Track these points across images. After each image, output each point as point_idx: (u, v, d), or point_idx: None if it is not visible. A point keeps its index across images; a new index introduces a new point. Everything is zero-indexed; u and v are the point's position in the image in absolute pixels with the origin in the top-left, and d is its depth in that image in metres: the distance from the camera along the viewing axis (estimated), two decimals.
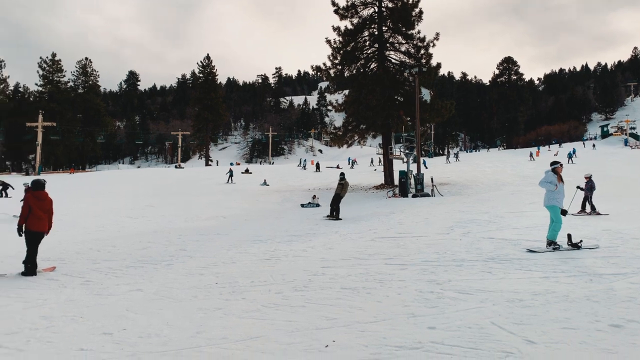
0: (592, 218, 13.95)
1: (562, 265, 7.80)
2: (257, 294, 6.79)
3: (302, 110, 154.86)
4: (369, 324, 5.28)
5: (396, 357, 4.26)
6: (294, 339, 4.84)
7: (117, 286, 7.64)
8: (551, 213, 9.45)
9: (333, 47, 33.01)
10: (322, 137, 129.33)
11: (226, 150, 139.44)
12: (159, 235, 14.21)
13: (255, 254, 10.41)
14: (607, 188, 24.62)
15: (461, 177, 36.69)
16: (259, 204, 24.86)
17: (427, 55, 32.69)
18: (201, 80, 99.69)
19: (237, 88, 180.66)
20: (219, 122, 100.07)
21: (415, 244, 10.72)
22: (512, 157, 59.59)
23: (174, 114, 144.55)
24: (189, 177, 46.31)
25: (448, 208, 18.72)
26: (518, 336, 4.67)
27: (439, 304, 5.97)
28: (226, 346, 4.71)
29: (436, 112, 32.69)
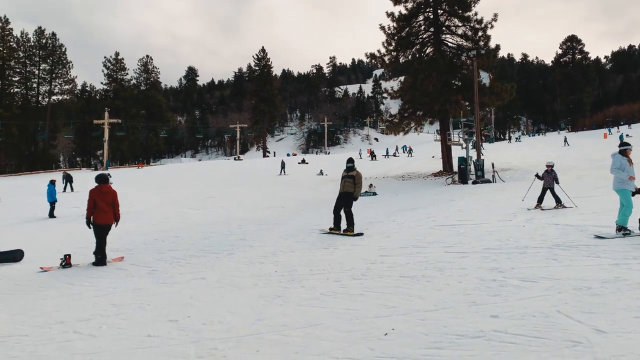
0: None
1: (634, 252, 7.39)
2: (316, 282, 6.85)
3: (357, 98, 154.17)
4: (429, 312, 5.21)
5: (457, 346, 4.19)
6: (353, 327, 4.85)
7: (181, 275, 7.92)
8: (621, 197, 8.98)
9: (387, 34, 32.59)
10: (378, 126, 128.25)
11: (283, 141, 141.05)
12: (220, 225, 14.58)
13: (313, 242, 10.50)
14: None
15: (523, 162, 35.46)
16: (316, 194, 25.02)
17: (485, 37, 31.69)
18: (257, 73, 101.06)
19: (292, 79, 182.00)
20: (275, 113, 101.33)
21: (476, 232, 10.47)
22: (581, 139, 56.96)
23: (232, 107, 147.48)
24: (247, 168, 47.27)
25: (510, 194, 18.17)
26: (587, 325, 4.47)
27: (502, 292, 5.81)
28: (286, 333, 4.79)
29: (496, 95, 31.71)
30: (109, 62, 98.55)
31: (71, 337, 5.02)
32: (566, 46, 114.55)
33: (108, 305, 6.24)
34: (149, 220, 17.08)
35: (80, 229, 13.92)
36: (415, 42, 33.06)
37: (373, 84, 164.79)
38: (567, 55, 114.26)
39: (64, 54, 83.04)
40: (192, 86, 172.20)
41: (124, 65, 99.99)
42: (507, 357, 3.89)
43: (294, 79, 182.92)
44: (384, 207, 17.60)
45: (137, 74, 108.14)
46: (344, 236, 11.02)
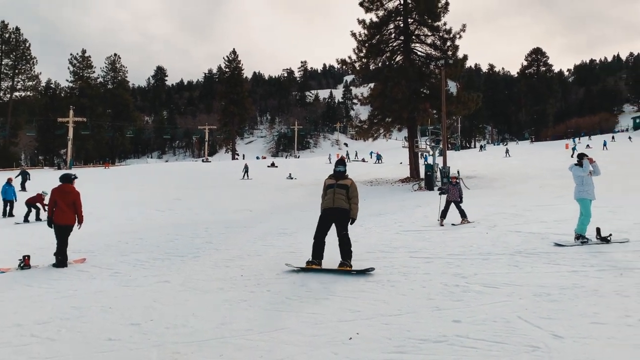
0: (604, 213, 13.51)
1: (592, 260, 7.64)
2: (282, 286, 6.84)
3: (327, 103, 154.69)
4: (393, 316, 5.27)
5: (420, 351, 4.25)
6: (317, 331, 4.87)
7: (145, 278, 7.79)
8: (581, 206, 9.27)
9: (358, 40, 32.85)
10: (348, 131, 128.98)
11: (252, 144, 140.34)
12: (186, 227, 14.41)
13: (281, 246, 10.48)
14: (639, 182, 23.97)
15: (488, 170, 36.18)
16: (285, 198, 24.98)
17: (454, 47, 32.25)
18: (227, 75, 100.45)
19: (263, 82, 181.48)
20: (245, 116, 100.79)
21: (441, 237, 10.63)
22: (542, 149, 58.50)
23: (201, 108, 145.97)
24: (215, 170, 46.84)
25: (474, 201, 18.50)
26: (545, 330, 4.60)
27: (464, 297, 5.92)
28: (250, 337, 4.76)
29: (463, 104, 32.29)
30: (75, 60, 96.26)
31: (28, 341, 4.88)
32: (531, 58, 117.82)
33: (68, 307, 6.09)
34: (112, 221, 16.74)
35: (41, 229, 13.55)
36: (386, 50, 33.40)
37: (344, 89, 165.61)
38: (532, 67, 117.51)
39: (28, 49, 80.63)
40: (161, 86, 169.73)
41: (91, 62, 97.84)
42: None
43: (265, 81, 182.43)
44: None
45: (105, 72, 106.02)
46: (337, 271, 7.56)
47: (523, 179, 28.73)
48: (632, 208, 13.81)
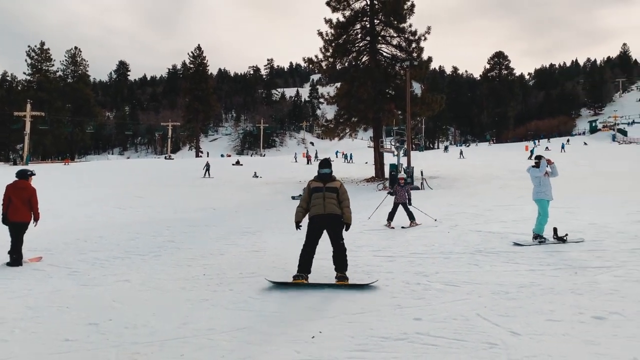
0: (561, 213, 13.94)
1: (548, 259, 7.87)
2: (245, 286, 6.80)
3: (293, 102, 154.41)
4: (356, 315, 5.30)
5: (382, 348, 4.29)
6: (280, 330, 4.86)
7: (104, 277, 7.61)
8: (539, 206, 9.54)
9: (325, 40, 32.92)
10: (314, 130, 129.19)
11: (217, 142, 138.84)
12: (147, 226, 14.15)
13: (244, 245, 10.41)
14: (595, 183, 24.84)
15: (450, 170, 36.83)
16: (250, 196, 24.81)
17: (419, 49, 32.70)
18: (192, 71, 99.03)
19: (228, 79, 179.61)
20: (210, 113, 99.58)
21: (404, 237, 10.77)
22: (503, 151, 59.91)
23: (164, 104, 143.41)
24: (178, 168, 46.12)
25: (437, 201, 18.81)
26: (503, 328, 4.71)
27: (426, 295, 6.01)
28: (212, 337, 4.72)
29: (427, 106, 32.77)
30: (33, 52, 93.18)
31: None
32: (493, 61, 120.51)
33: (22, 308, 5.90)
34: (71, 219, 16.30)
35: None
36: (352, 50, 33.58)
37: (310, 88, 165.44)
38: (494, 70, 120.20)
39: None
40: (123, 81, 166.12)
41: (50, 55, 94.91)
42: (428, 359, 4.02)
43: (231, 78, 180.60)
44: None
45: (64, 66, 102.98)
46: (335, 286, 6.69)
47: (484, 180, 29.36)
48: (587, 209, 14.29)
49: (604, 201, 16.41)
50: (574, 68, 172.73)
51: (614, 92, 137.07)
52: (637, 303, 5.37)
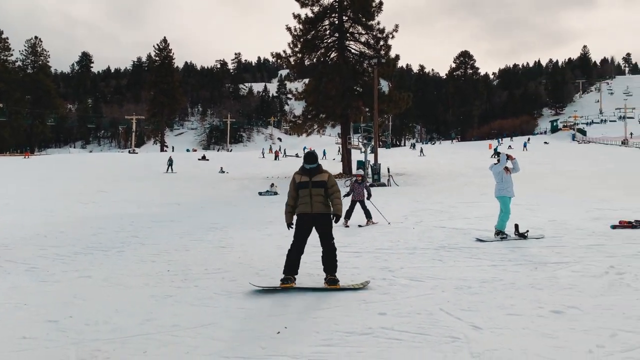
0: (522, 210, 14.29)
1: (510, 254, 8.06)
2: (211, 282, 6.73)
3: (261, 97, 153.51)
4: (322, 310, 5.33)
5: (347, 343, 4.32)
6: (245, 326, 4.84)
7: (65, 273, 7.42)
8: (501, 203, 9.76)
9: (293, 35, 32.85)
10: (282, 126, 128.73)
11: (182, 136, 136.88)
12: (110, 221, 13.86)
13: (210, 241, 10.30)
14: (555, 181, 25.57)
15: (417, 167, 37.33)
16: (216, 192, 24.59)
17: (386, 46, 32.98)
18: (157, 64, 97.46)
19: (195, 73, 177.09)
20: (176, 107, 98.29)
21: (370, 232, 10.85)
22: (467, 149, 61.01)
23: (129, 97, 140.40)
24: (143, 162, 45.33)
25: (403, 198, 19.04)
26: (465, 322, 4.80)
27: (391, 290, 6.08)
28: (176, 333, 4.66)
29: (394, 103, 33.10)
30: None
31: None
32: (459, 61, 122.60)
33: None
34: (31, 213, 15.82)
35: None
36: (321, 46, 33.62)
37: (278, 83, 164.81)
38: (460, 69, 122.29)
39: None
40: (86, 73, 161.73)
41: (9, 45, 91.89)
42: (392, 353, 4.07)
43: (197, 72, 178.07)
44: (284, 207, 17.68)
45: (24, 56, 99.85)
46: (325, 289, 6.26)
47: (449, 177, 29.87)
48: (547, 206, 14.71)
49: (564, 199, 16.92)
50: (536, 69, 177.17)
51: (574, 93, 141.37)
52: (594, 297, 5.55)
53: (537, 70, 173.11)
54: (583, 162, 41.39)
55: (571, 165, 39.08)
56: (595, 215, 12.51)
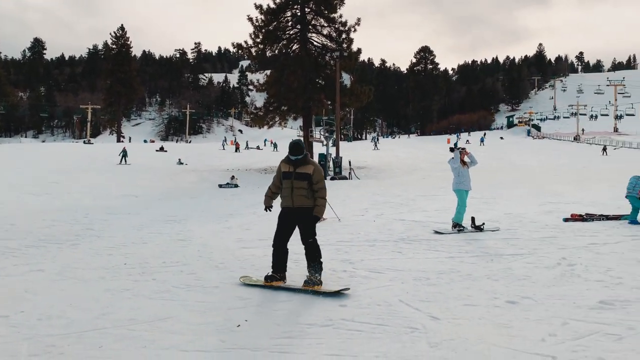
0: (479, 203, 14.63)
1: (467, 246, 8.25)
2: (169, 275, 6.63)
3: (222, 88, 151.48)
4: (282, 303, 5.32)
5: (307, 335, 4.33)
6: (205, 319, 4.78)
7: (15, 267, 7.15)
8: (458, 197, 9.96)
9: (255, 26, 32.51)
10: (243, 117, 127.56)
11: (140, 127, 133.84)
12: (64, 213, 13.45)
13: (169, 234, 10.14)
14: (510, 175, 26.30)
15: (377, 161, 37.70)
16: (174, 184, 24.18)
17: (349, 40, 33.05)
18: (114, 52, 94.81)
19: (153, 62, 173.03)
20: (133, 96, 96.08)
21: (331, 225, 10.89)
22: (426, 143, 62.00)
23: (84, 86, 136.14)
24: (98, 153, 44.09)
25: (364, 191, 19.20)
26: (423, 313, 4.89)
27: (351, 282, 6.12)
28: (133, 327, 4.56)
29: (356, 97, 33.26)
30: None
31: None
32: (420, 56, 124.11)
33: None
34: None
35: None
36: (283, 37, 33.40)
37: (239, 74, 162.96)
38: (420, 64, 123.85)
39: None
40: (39, 60, 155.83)
41: None
42: (352, 344, 4.11)
43: (155, 61, 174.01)
44: (245, 199, 17.57)
45: None
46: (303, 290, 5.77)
47: (409, 171, 30.32)
48: (503, 200, 15.12)
49: (518, 193, 17.40)
50: (494, 65, 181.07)
51: (529, 90, 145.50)
52: (547, 288, 5.74)
53: (495, 67, 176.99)
54: (537, 157, 42.75)
55: (526, 160, 40.30)
56: (548, 208, 12.93)
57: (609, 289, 5.62)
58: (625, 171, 17.48)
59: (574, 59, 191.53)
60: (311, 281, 5.80)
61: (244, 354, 3.91)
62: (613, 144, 59.24)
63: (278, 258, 6.07)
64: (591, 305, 5.01)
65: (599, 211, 11.91)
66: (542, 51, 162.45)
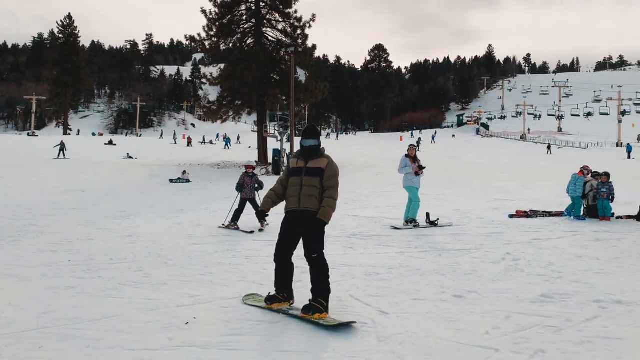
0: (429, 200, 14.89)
1: (417, 242, 8.41)
2: (116, 272, 6.45)
3: (174, 81, 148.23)
4: (232, 299, 5.27)
5: (257, 331, 4.31)
6: (152, 317, 4.67)
7: None
8: (409, 193, 10.15)
9: (209, 18, 31.93)
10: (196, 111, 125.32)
11: (88, 119, 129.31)
12: (5, 209, 12.86)
13: (116, 230, 9.87)
14: (459, 173, 26.99)
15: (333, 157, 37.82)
16: (123, 178, 23.52)
17: (304, 35, 32.96)
18: (61, 41, 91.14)
19: (103, 52, 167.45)
20: (81, 87, 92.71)
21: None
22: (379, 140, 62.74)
23: (28, 76, 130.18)
24: (44, 146, 42.35)
25: None
26: (373, 307, 4.95)
27: (302, 278, 6.10)
28: (76, 326, 4.41)
29: (310, 93, 33.22)
30: None
31: None
32: (374, 54, 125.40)
33: None
34: None
35: None
36: (237, 31, 32.98)
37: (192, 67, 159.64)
38: (374, 62, 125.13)
39: None
40: None
41: None
42: (301, 340, 4.12)
43: (105, 52, 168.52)
44: (197, 194, 17.31)
45: None
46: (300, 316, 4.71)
47: (362, 167, 30.60)
48: (452, 196, 15.51)
49: (467, 190, 17.89)
50: (446, 64, 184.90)
51: (479, 89, 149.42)
52: (492, 282, 5.93)
53: (447, 66, 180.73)
54: (485, 155, 44.01)
55: (475, 157, 41.43)
56: (495, 205, 13.36)
57: (550, 283, 5.86)
58: (567, 170, 18.25)
59: (521, 61, 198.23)
60: (313, 308, 4.58)
61: (193, 352, 3.84)
62: (557, 143, 61.67)
63: (281, 274, 5.00)
64: (533, 299, 5.21)
65: (543, 208, 12.40)
66: (491, 52, 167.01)
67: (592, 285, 5.70)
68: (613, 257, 7.24)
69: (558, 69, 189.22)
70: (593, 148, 56.85)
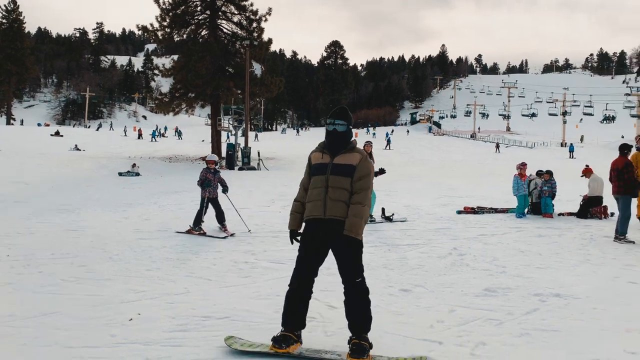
0: (382, 196, 15.11)
1: (367, 237, 8.41)
2: (58, 267, 6.23)
3: (125, 71, 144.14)
4: (179, 295, 5.18)
5: (203, 327, 4.24)
6: (94, 314, 4.53)
7: None
8: None
9: (162, 8, 31.19)
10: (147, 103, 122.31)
11: (34, 109, 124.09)
12: None
13: (60, 224, 9.52)
14: (412, 169, 27.47)
15: (287, 153, 37.80)
16: (69, 170, 22.71)
17: (259, 29, 32.68)
18: (5, 27, 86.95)
19: (50, 40, 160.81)
20: (25, 76, 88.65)
21: (236, 217, 10.77)
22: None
23: None
24: None
25: (272, 182, 19.18)
26: (321, 302, 4.98)
27: (252, 273, 6.10)
28: (13, 324, 4.22)
29: (266, 87, 33.03)
30: None
31: None
32: (330, 50, 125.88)
33: None
34: None
35: None
36: (191, 22, 32.37)
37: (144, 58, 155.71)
38: (330, 58, 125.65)
39: None
40: None
41: None
42: (248, 335, 4.08)
43: (52, 40, 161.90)
44: (146, 188, 16.91)
45: None
46: None
47: None
48: (404, 192, 15.76)
49: (418, 186, 18.23)
50: (400, 63, 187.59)
51: (432, 88, 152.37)
52: (438, 277, 6.06)
53: (401, 65, 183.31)
54: (437, 153, 44.97)
55: (426, 155, 42.27)
56: (444, 201, 13.66)
57: (494, 277, 6.04)
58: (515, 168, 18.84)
59: (473, 61, 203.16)
60: (360, 349, 3.58)
61: (134, 348, 3.74)
62: (505, 142, 63.63)
63: (295, 306, 3.88)
64: (477, 293, 5.36)
65: (490, 204, 12.78)
66: (444, 52, 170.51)
67: (533, 280, 5.91)
68: (554, 252, 7.53)
69: (508, 70, 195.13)
70: (539, 147, 58.96)
